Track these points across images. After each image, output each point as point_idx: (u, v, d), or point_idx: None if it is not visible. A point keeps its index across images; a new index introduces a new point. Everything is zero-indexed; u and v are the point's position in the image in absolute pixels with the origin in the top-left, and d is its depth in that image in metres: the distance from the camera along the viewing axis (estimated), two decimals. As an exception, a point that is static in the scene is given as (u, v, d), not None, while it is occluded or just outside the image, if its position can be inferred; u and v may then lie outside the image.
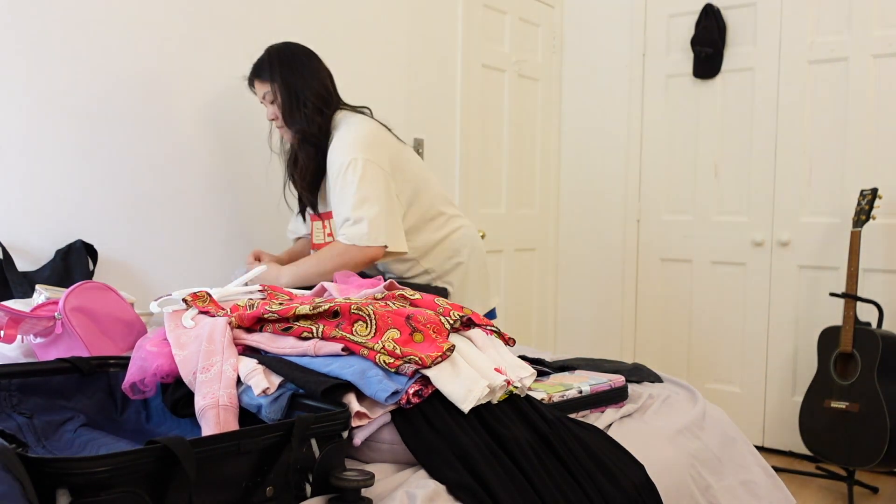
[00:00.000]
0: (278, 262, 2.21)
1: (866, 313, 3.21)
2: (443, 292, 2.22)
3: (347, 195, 2.01)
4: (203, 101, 2.40)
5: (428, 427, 1.09)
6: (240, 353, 1.20)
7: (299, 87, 2.10)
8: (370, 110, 2.22)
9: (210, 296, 1.39)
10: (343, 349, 1.16)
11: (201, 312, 1.33)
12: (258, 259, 2.24)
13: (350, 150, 2.04)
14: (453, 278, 2.26)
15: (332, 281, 2.11)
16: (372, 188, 2.02)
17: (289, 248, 2.45)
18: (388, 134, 2.16)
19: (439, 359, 1.13)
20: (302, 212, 2.30)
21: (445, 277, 2.25)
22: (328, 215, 2.19)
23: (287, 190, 2.33)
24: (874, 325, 3.06)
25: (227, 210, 2.50)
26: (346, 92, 2.32)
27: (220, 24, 2.43)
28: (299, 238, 2.45)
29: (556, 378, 1.52)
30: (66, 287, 1.54)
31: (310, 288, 1.76)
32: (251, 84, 2.18)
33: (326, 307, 1.23)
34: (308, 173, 2.15)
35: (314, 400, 1.07)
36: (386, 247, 2.03)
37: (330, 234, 2.20)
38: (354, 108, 2.19)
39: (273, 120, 2.16)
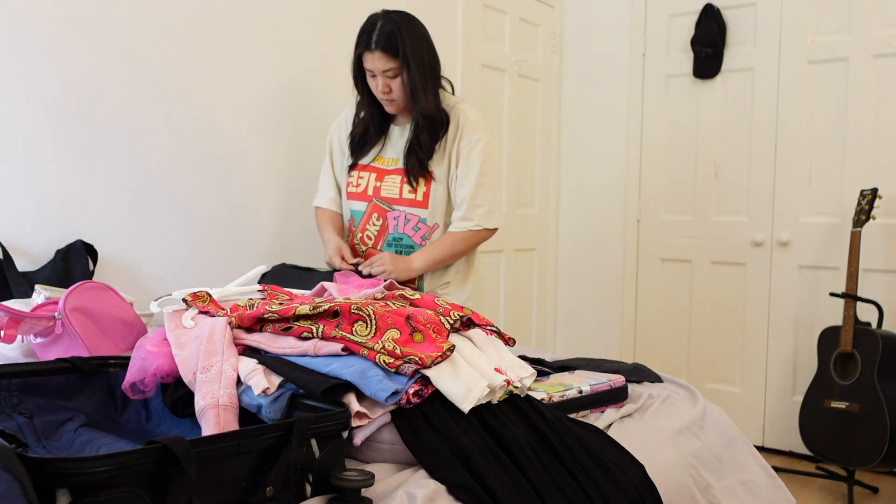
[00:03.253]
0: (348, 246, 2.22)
1: (866, 313, 3.21)
2: None
3: (473, 177, 2.15)
4: (203, 101, 2.40)
5: (428, 427, 1.09)
6: (240, 353, 1.20)
7: (427, 67, 2.10)
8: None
9: (210, 296, 1.39)
10: (343, 349, 1.16)
11: (201, 312, 1.33)
12: (343, 258, 2.16)
13: (481, 131, 2.17)
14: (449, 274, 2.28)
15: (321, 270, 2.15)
16: (492, 170, 2.19)
17: (327, 221, 2.31)
18: None
19: (439, 359, 1.13)
20: (353, 165, 2.25)
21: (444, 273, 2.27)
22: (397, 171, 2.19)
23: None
24: (874, 325, 3.06)
25: (228, 210, 2.49)
26: (345, 91, 2.32)
27: (221, 24, 2.43)
28: (322, 209, 2.35)
29: (556, 378, 1.52)
30: (66, 287, 1.54)
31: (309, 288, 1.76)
32: (369, 51, 2.06)
33: (326, 307, 1.23)
34: (419, 153, 2.15)
35: (314, 400, 1.07)
36: (496, 230, 2.23)
37: (413, 191, 2.16)
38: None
39: (386, 94, 2.11)
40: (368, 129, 2.22)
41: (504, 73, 3.66)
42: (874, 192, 3.11)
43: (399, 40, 2.05)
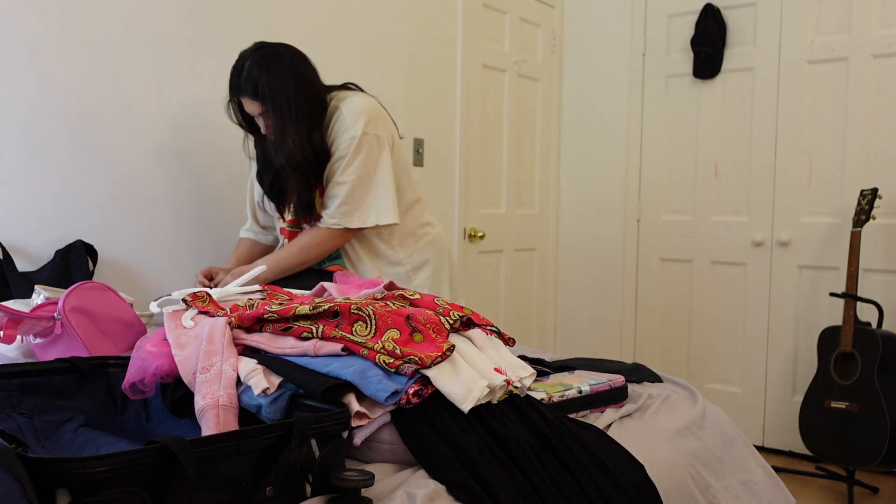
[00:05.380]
0: (225, 271, 2.12)
1: (866, 313, 3.21)
2: None
3: (337, 170, 2.00)
4: (203, 101, 2.40)
5: (428, 427, 1.09)
6: (240, 354, 1.20)
7: (291, 103, 1.93)
8: (356, 84, 2.15)
9: (210, 296, 1.39)
10: (343, 349, 1.16)
11: (201, 312, 1.33)
12: (210, 277, 2.08)
13: (352, 124, 1.99)
14: (422, 276, 2.22)
15: (314, 267, 2.13)
16: (363, 164, 2.00)
17: (235, 250, 2.30)
18: (386, 114, 2.12)
19: (439, 359, 1.13)
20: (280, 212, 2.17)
21: (417, 273, 2.21)
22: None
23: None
24: (874, 325, 3.06)
25: (228, 210, 2.50)
26: (345, 92, 2.32)
27: (220, 24, 2.43)
28: (243, 238, 2.31)
29: (556, 378, 1.52)
30: (66, 287, 1.54)
31: (310, 288, 1.76)
32: (234, 101, 2.00)
33: (326, 307, 1.23)
34: (300, 204, 2.03)
35: (314, 400, 1.07)
36: (376, 225, 2.05)
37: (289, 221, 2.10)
38: (341, 87, 2.10)
39: (269, 137, 1.99)
40: (274, 181, 2.09)
41: (504, 73, 3.66)
42: (874, 192, 3.11)
43: (249, 83, 1.93)
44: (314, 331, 1.20)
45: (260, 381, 1.11)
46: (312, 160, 1.99)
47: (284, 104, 1.94)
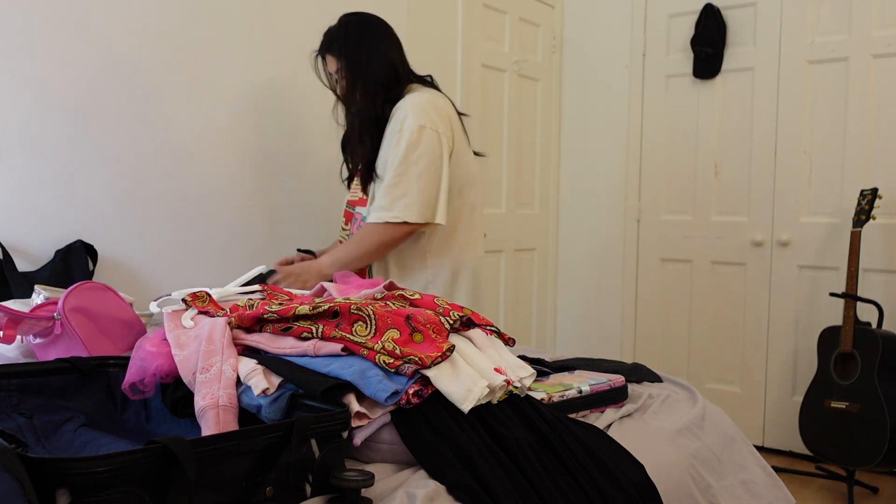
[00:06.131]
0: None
1: (866, 313, 3.21)
2: None
3: (395, 162, 1.99)
4: (203, 100, 2.40)
5: (428, 427, 1.09)
6: (239, 354, 1.20)
7: (364, 67, 2.04)
8: (437, 85, 2.17)
9: (210, 296, 1.39)
10: (343, 349, 1.16)
11: (201, 312, 1.33)
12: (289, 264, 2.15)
13: (414, 115, 1.99)
14: (439, 285, 2.15)
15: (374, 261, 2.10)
16: (425, 160, 1.98)
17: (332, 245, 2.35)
18: (455, 113, 2.11)
19: (439, 359, 1.13)
20: (349, 178, 2.23)
21: (436, 289, 2.14)
22: None
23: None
24: (874, 325, 3.06)
25: (227, 210, 2.49)
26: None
27: (220, 24, 2.43)
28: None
29: (556, 378, 1.52)
30: (66, 287, 1.53)
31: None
32: (322, 58, 2.12)
33: (326, 307, 1.22)
34: (365, 162, 2.08)
35: (314, 400, 1.07)
36: (422, 223, 2.01)
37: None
38: (424, 81, 2.15)
39: (342, 96, 2.11)
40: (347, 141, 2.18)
41: (504, 73, 3.66)
42: (874, 192, 3.11)
43: (337, 40, 2.08)
44: (314, 331, 1.20)
45: (260, 381, 1.11)
46: (377, 122, 2.06)
47: (356, 65, 2.05)
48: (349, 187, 2.24)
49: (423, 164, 1.98)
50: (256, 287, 1.52)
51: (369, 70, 2.05)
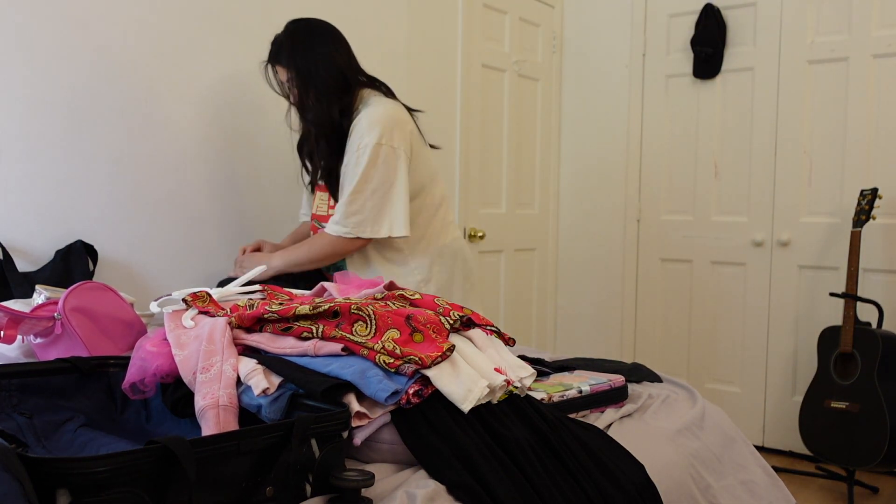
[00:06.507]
0: (278, 248, 2.23)
1: (866, 313, 3.21)
2: None
3: (352, 181, 2.02)
4: (203, 100, 2.40)
5: (428, 427, 1.09)
6: (240, 353, 1.20)
7: (314, 75, 2.05)
8: (388, 87, 2.18)
9: (210, 296, 1.39)
10: (343, 349, 1.16)
11: (201, 312, 1.33)
12: (258, 249, 2.24)
13: (372, 131, 2.01)
14: (436, 283, 2.20)
15: (322, 268, 2.13)
16: (379, 175, 2.02)
17: (292, 231, 2.43)
18: (410, 119, 2.13)
19: (439, 359, 1.13)
20: (312, 184, 2.26)
21: (430, 281, 2.19)
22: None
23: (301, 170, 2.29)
24: (874, 325, 3.06)
25: (227, 210, 2.50)
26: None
27: (218, 23, 2.43)
28: (305, 222, 2.40)
29: (556, 378, 1.52)
30: (66, 287, 1.54)
31: (310, 288, 1.76)
32: (272, 67, 2.12)
33: (326, 307, 1.23)
34: (324, 169, 2.11)
35: (314, 400, 1.07)
36: (371, 239, 2.07)
37: (332, 207, 2.15)
38: (374, 85, 2.15)
39: (295, 105, 2.11)
40: (302, 145, 2.21)
41: (504, 73, 3.66)
42: (874, 192, 3.11)
43: (285, 48, 2.07)
44: (314, 331, 1.20)
45: (260, 381, 1.11)
46: (333, 128, 2.06)
47: (306, 74, 2.05)
48: (312, 191, 2.24)
49: (377, 180, 2.02)
50: (256, 287, 1.52)
51: (319, 77, 2.05)
